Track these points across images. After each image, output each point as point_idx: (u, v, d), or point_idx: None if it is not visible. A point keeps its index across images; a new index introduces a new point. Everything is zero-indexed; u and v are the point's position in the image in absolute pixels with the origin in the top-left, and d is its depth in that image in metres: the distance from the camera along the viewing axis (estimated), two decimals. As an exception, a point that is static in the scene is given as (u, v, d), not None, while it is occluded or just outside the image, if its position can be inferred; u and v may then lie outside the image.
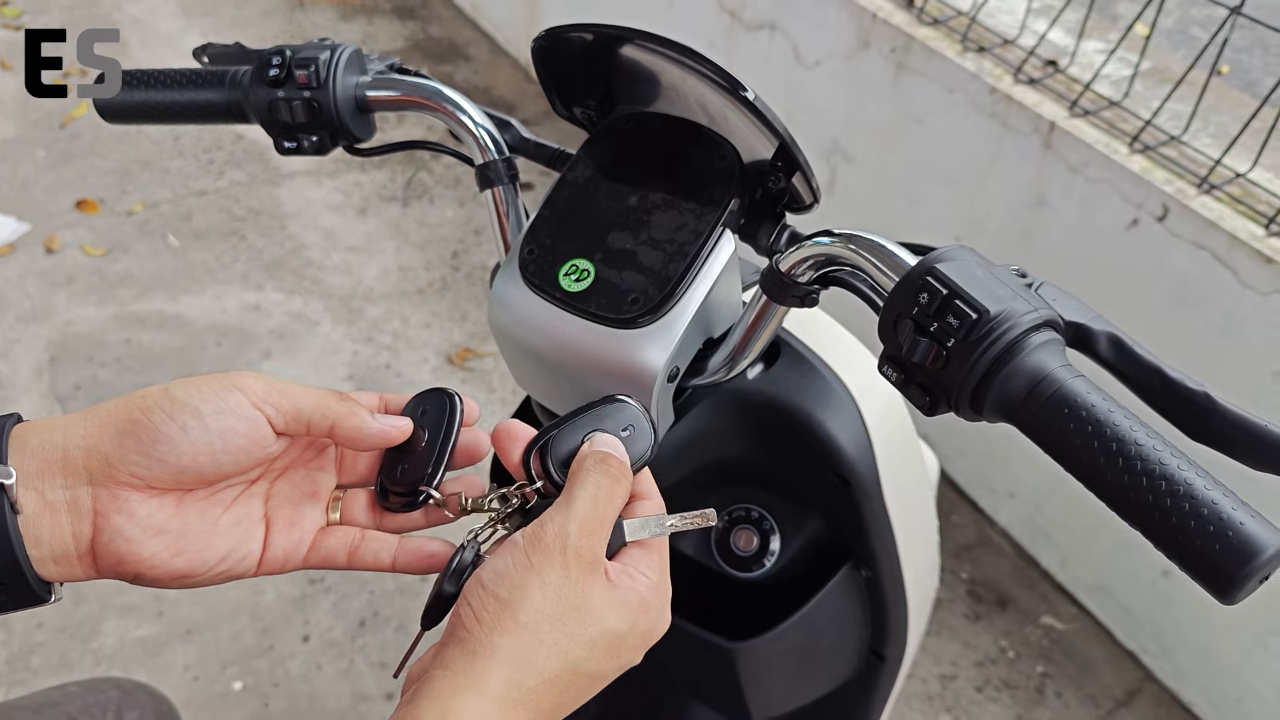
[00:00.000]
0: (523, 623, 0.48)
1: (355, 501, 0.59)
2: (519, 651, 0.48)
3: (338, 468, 0.60)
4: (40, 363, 2.26)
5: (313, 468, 0.59)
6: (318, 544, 0.57)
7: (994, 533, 2.01)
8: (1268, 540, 0.45)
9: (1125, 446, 0.49)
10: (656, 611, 0.53)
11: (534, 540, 0.50)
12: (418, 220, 2.73)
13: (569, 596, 0.49)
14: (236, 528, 0.55)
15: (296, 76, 0.78)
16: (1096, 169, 1.56)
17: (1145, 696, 1.77)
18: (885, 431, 0.84)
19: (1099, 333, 0.56)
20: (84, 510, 0.51)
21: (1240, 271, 1.41)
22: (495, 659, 0.47)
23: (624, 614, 0.51)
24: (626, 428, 0.56)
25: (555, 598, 0.49)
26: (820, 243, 0.61)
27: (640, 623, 0.52)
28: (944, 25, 1.81)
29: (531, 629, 0.48)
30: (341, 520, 0.59)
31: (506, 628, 0.48)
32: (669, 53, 0.65)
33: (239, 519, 0.55)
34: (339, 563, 0.57)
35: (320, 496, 0.59)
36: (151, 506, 0.52)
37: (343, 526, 0.58)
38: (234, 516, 0.55)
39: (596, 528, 0.51)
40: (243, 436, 0.53)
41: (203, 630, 1.80)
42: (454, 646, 0.48)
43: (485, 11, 3.46)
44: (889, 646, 0.98)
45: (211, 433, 0.52)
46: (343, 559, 0.57)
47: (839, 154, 2.04)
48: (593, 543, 0.51)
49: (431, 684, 0.47)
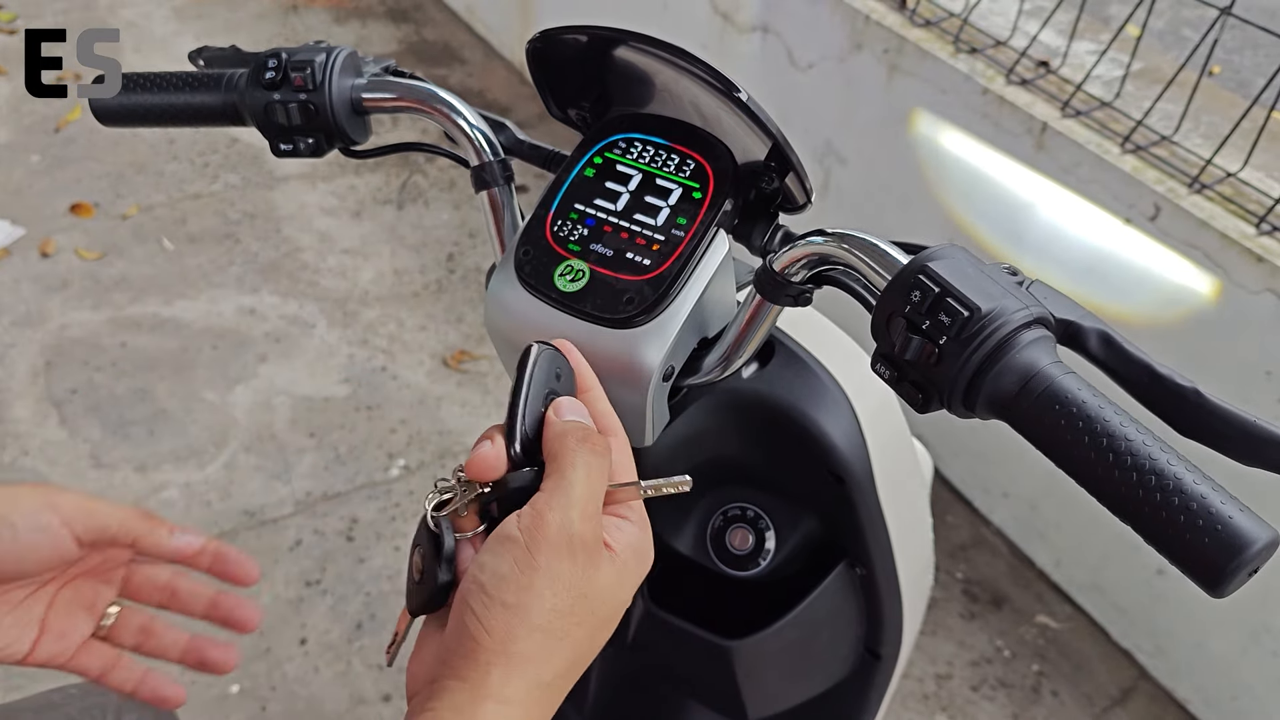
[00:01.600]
0: (536, 625, 0.47)
1: (129, 620, 0.67)
2: (536, 653, 0.47)
3: (123, 586, 0.67)
4: (36, 367, 2.26)
5: (99, 580, 0.65)
6: (78, 656, 0.65)
7: (989, 532, 2.02)
8: (1256, 534, 0.46)
9: (1115, 442, 0.49)
10: (647, 548, 0.53)
11: (535, 536, 0.49)
12: (413, 223, 2.73)
13: (579, 585, 0.49)
14: (14, 628, 0.62)
15: (292, 79, 0.78)
16: (1088, 169, 1.56)
17: (1140, 694, 1.77)
18: (879, 430, 0.85)
19: (1089, 330, 0.56)
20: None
21: (1231, 270, 1.42)
22: (513, 667, 0.47)
23: (626, 576, 0.51)
24: (558, 374, 0.56)
25: (566, 590, 0.48)
26: (813, 242, 0.62)
27: (637, 570, 0.53)
28: (936, 27, 1.82)
29: (546, 629, 0.48)
30: (110, 635, 0.66)
31: (518, 634, 0.47)
32: (663, 54, 0.66)
33: (18, 619, 0.62)
34: (92, 674, 0.65)
35: (96, 609, 0.65)
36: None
37: (104, 645, 0.66)
38: (15, 617, 0.61)
39: (595, 509, 0.51)
40: (47, 549, 0.59)
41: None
42: (464, 659, 0.47)
43: (479, 15, 3.46)
44: (884, 645, 0.99)
45: (21, 544, 0.58)
46: (95, 673, 0.65)
47: (832, 155, 2.04)
48: (594, 525, 0.51)
49: (450, 694, 0.46)
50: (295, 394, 2.25)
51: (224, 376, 2.28)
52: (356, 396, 2.25)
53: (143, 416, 2.17)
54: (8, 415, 2.15)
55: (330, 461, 2.11)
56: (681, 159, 0.70)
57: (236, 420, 2.18)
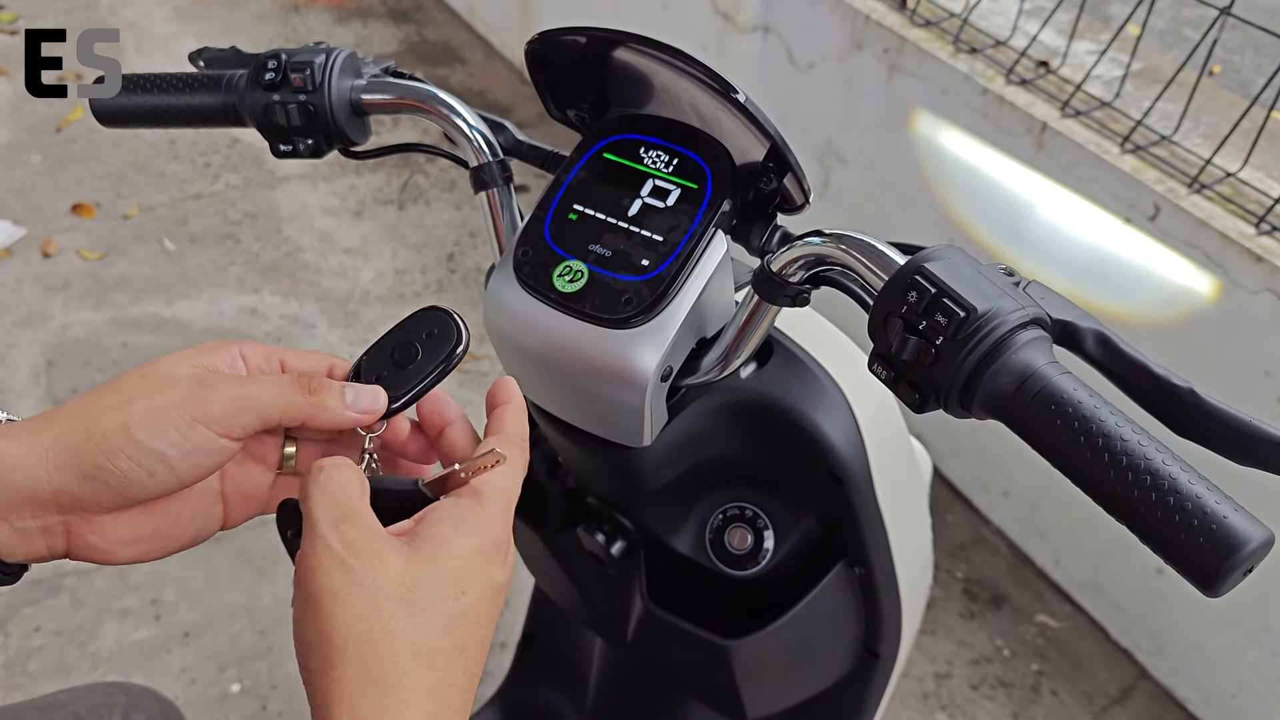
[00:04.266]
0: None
1: (309, 449, 0.60)
2: None
3: None
4: (37, 367, 2.26)
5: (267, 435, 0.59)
6: (273, 499, 0.59)
7: (989, 532, 2.02)
8: (1251, 533, 0.46)
9: (1111, 442, 0.49)
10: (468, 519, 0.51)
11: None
12: (413, 223, 2.73)
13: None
14: (199, 514, 0.57)
15: (292, 80, 0.78)
16: (1088, 169, 1.56)
17: (1140, 693, 1.77)
18: (877, 430, 0.85)
19: (1086, 330, 0.56)
20: (57, 532, 0.52)
21: (1231, 270, 1.42)
22: None
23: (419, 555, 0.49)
24: (428, 333, 0.58)
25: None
26: (811, 243, 0.62)
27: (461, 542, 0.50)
28: (936, 27, 1.82)
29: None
30: (296, 467, 0.60)
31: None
32: (661, 55, 0.66)
33: (200, 505, 0.57)
34: None
35: (269, 460, 0.59)
36: (121, 523, 0.53)
37: (293, 478, 0.60)
38: (195, 505, 0.57)
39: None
40: (209, 466, 0.53)
41: (200, 633, 1.80)
42: None
43: (480, 15, 3.46)
44: (883, 644, 0.99)
45: (179, 474, 0.52)
46: None
47: (832, 155, 2.04)
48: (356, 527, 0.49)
49: None
50: (296, 394, 2.24)
51: (225, 376, 2.28)
52: (357, 396, 2.25)
53: (144, 416, 2.17)
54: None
55: (331, 461, 2.11)
56: (680, 159, 0.70)
57: (237, 420, 2.18)
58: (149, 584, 1.87)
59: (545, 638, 1.43)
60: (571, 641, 1.38)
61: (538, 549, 1.05)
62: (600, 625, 1.05)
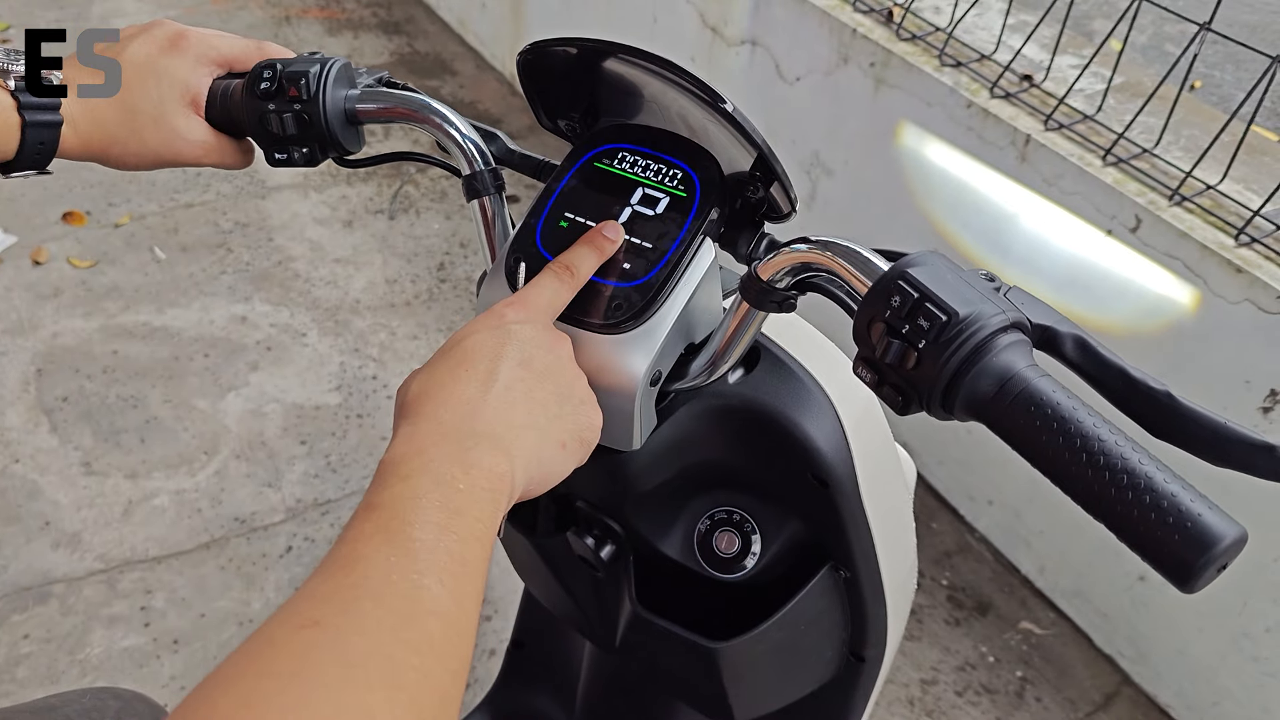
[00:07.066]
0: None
1: None
2: None
3: None
4: (27, 375, 2.26)
5: None
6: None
7: (974, 539, 2.03)
8: (1224, 530, 0.47)
9: (1089, 442, 0.51)
10: None
11: None
12: (404, 233, 2.74)
13: None
14: None
15: (287, 90, 0.80)
16: (1071, 181, 1.59)
17: (1123, 700, 1.79)
18: (863, 435, 0.86)
19: (1065, 334, 0.58)
20: None
21: (1211, 281, 1.44)
22: None
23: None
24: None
25: None
26: (797, 249, 0.63)
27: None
28: (922, 41, 1.84)
29: None
30: None
31: None
32: (651, 66, 0.67)
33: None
34: None
35: None
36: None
37: None
38: None
39: None
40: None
41: (190, 640, 1.80)
42: None
43: (471, 27, 3.48)
44: (869, 647, 1.00)
45: (178, 149, 0.80)
46: None
47: (819, 167, 2.06)
48: None
49: None
50: (286, 402, 2.25)
51: (215, 384, 2.28)
52: (348, 405, 2.26)
53: (134, 424, 2.18)
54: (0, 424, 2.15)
55: (321, 469, 2.11)
56: (669, 168, 0.72)
57: (228, 428, 2.19)
58: (138, 591, 1.87)
59: (534, 643, 1.43)
60: (560, 646, 1.38)
61: (528, 553, 1.05)
62: (590, 629, 1.05)
